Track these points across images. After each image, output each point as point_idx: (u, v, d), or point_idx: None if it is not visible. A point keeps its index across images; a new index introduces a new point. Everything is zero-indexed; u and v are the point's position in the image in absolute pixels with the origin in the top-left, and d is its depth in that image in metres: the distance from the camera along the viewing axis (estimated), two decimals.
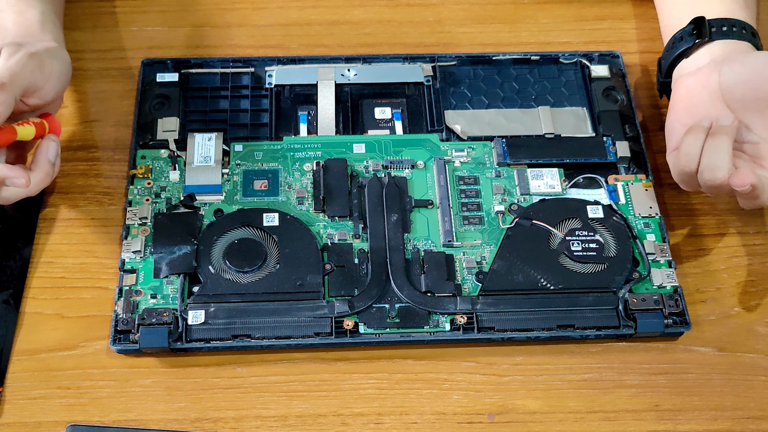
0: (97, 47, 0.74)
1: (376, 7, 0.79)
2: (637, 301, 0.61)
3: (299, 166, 0.67)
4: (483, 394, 0.59)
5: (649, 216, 0.65)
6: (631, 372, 0.60)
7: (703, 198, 0.68)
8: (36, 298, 0.62)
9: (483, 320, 0.60)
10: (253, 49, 0.75)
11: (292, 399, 0.58)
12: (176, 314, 0.59)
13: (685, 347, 0.61)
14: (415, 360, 0.60)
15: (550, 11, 0.79)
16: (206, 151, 0.66)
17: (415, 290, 0.61)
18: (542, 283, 0.61)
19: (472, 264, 0.63)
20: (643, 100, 0.73)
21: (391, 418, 0.58)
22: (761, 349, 0.62)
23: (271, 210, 0.64)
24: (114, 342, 0.59)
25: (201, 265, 0.61)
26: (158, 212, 0.64)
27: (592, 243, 0.63)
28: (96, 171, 0.67)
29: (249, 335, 0.59)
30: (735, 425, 0.58)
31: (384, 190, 0.65)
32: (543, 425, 0.58)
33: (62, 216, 0.65)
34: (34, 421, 0.57)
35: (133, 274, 0.61)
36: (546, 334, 0.60)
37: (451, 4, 0.79)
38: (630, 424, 0.58)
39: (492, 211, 0.65)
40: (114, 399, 0.58)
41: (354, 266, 0.62)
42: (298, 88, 0.72)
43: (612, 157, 0.68)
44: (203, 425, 0.57)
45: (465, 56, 0.74)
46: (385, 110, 0.71)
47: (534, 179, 0.67)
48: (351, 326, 0.60)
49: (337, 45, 0.76)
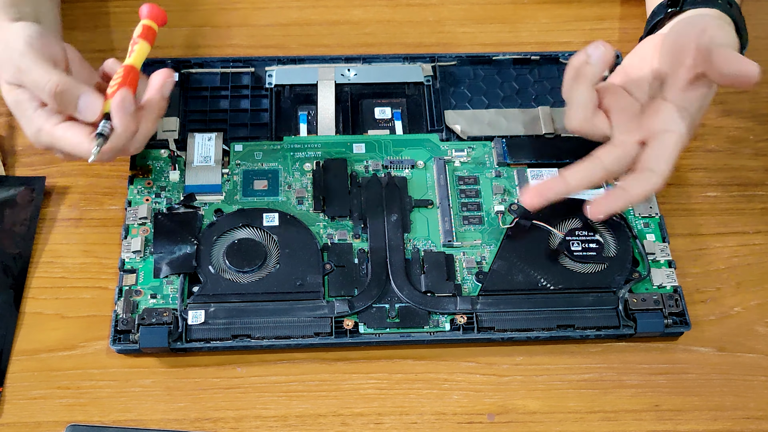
0: (97, 47, 0.74)
1: (376, 7, 0.79)
2: (637, 301, 0.61)
3: (299, 166, 0.67)
4: (483, 394, 0.59)
5: (649, 216, 0.65)
6: (631, 372, 0.60)
7: (703, 198, 0.68)
8: (36, 298, 0.62)
9: (483, 320, 0.60)
10: (253, 49, 0.75)
11: (292, 399, 0.58)
12: (176, 314, 0.59)
13: (685, 347, 0.61)
14: (415, 360, 0.60)
15: (550, 11, 0.79)
16: (206, 151, 0.66)
17: (415, 290, 0.61)
18: (542, 283, 0.61)
19: (472, 264, 0.63)
20: None
21: (391, 418, 0.58)
22: (761, 349, 0.62)
23: (271, 210, 0.64)
24: (114, 342, 0.59)
25: (201, 265, 0.61)
26: (158, 212, 0.64)
27: (592, 243, 0.63)
28: (96, 171, 0.67)
29: (249, 335, 0.59)
30: (735, 425, 0.58)
31: (384, 190, 0.65)
32: (543, 425, 0.58)
33: (62, 216, 0.65)
34: (33, 421, 0.57)
35: (133, 274, 0.61)
36: (546, 334, 0.60)
37: (451, 4, 0.79)
38: (630, 424, 0.58)
39: (492, 211, 0.65)
40: (114, 399, 0.58)
41: (354, 266, 0.62)
42: (298, 88, 0.72)
43: None
44: (203, 425, 0.57)
45: (465, 56, 0.74)
46: (385, 110, 0.71)
47: (534, 179, 0.67)
48: (351, 326, 0.60)
49: (337, 45, 0.76)
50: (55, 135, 0.59)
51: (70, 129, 0.59)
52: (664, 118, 0.60)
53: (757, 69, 0.58)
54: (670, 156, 0.59)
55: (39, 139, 0.60)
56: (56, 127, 0.59)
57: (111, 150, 0.59)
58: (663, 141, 0.60)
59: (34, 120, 0.59)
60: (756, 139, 0.72)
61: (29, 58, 0.59)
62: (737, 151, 0.71)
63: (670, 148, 0.59)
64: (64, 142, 0.59)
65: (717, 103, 0.73)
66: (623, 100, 0.62)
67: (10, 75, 0.60)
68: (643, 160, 0.60)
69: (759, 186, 0.69)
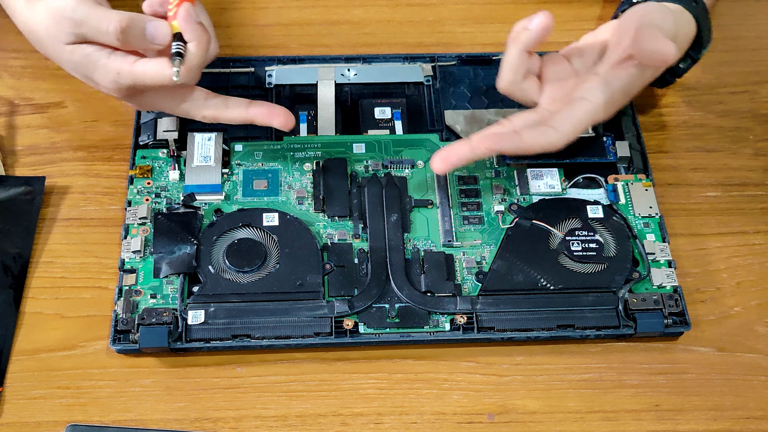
0: None
1: (376, 7, 0.79)
2: (637, 301, 0.61)
3: (299, 166, 0.67)
4: (483, 394, 0.59)
5: (648, 216, 0.65)
6: (631, 372, 0.60)
7: (703, 198, 0.68)
8: (36, 298, 0.62)
9: (483, 320, 0.60)
10: (253, 49, 0.75)
11: (291, 399, 0.58)
12: (176, 314, 0.59)
13: (684, 347, 0.61)
14: (415, 360, 0.60)
15: (550, 11, 0.79)
16: (206, 150, 0.66)
17: (414, 290, 0.61)
18: (542, 283, 0.61)
19: (471, 264, 0.63)
20: (643, 100, 0.73)
21: (391, 418, 0.58)
22: (761, 349, 0.62)
23: (271, 210, 0.64)
24: (114, 342, 0.59)
25: (201, 264, 0.61)
26: (158, 212, 0.64)
27: (592, 243, 0.63)
28: (96, 171, 0.67)
29: (249, 335, 0.59)
30: (735, 425, 0.58)
31: (384, 190, 0.65)
32: (543, 425, 0.58)
33: (62, 216, 0.65)
34: (33, 421, 0.57)
35: (133, 274, 0.61)
36: (546, 334, 0.60)
37: (451, 4, 0.79)
38: (630, 424, 0.58)
39: (492, 211, 0.65)
40: (114, 399, 0.58)
41: (354, 266, 0.62)
42: (298, 87, 0.72)
43: (612, 157, 0.68)
44: (203, 425, 0.57)
45: (465, 56, 0.74)
46: (384, 110, 0.71)
47: (534, 179, 0.67)
48: (351, 326, 0.60)
49: (337, 45, 0.76)
50: (135, 72, 0.60)
51: (149, 62, 0.60)
52: (585, 87, 0.62)
53: (673, 50, 0.60)
54: (577, 121, 0.61)
55: (120, 83, 0.61)
56: (135, 65, 0.60)
57: (195, 65, 0.60)
58: (575, 106, 0.61)
59: (111, 65, 0.60)
60: (756, 139, 0.72)
61: (82, 9, 0.59)
62: (737, 151, 0.71)
63: (580, 113, 0.61)
64: (146, 75, 0.60)
65: (717, 103, 0.74)
66: (561, 69, 0.64)
67: (68, 33, 0.60)
68: (551, 118, 0.61)
69: (759, 186, 0.69)
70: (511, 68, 0.63)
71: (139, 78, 0.60)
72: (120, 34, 0.58)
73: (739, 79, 0.75)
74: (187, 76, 0.60)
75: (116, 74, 0.60)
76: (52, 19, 0.60)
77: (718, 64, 0.76)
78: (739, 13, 0.79)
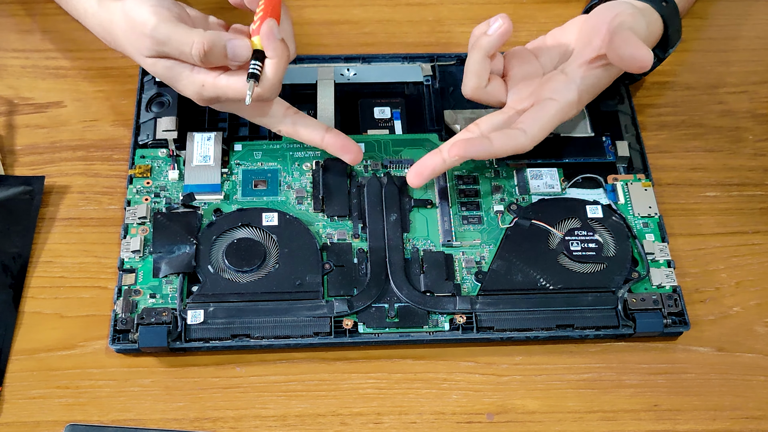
0: (97, 47, 0.73)
1: (376, 7, 0.79)
2: (636, 301, 0.61)
3: (298, 165, 0.67)
4: (482, 394, 0.59)
5: (648, 216, 0.65)
6: (630, 372, 0.60)
7: (703, 198, 0.68)
8: (35, 298, 0.62)
9: (482, 320, 0.60)
10: None
11: (291, 399, 0.58)
12: (175, 314, 0.59)
13: (684, 347, 0.61)
14: (414, 360, 0.60)
15: (550, 11, 0.79)
16: (205, 150, 0.66)
17: (414, 290, 0.61)
18: (541, 282, 0.61)
19: (471, 264, 0.63)
20: (642, 100, 0.73)
21: (390, 417, 0.58)
22: (760, 349, 0.62)
23: (271, 210, 0.64)
24: (113, 342, 0.59)
25: (200, 264, 0.61)
26: (157, 212, 0.64)
27: (591, 243, 0.63)
28: (95, 171, 0.67)
29: (248, 335, 0.59)
30: (734, 425, 0.58)
31: (383, 190, 0.65)
32: (542, 425, 0.58)
33: (62, 216, 0.65)
34: (33, 421, 0.57)
35: (132, 274, 0.61)
36: (545, 333, 0.60)
37: (450, 4, 0.79)
38: (629, 423, 0.58)
39: (491, 210, 0.65)
40: (113, 399, 0.58)
41: (353, 266, 0.62)
42: (298, 87, 0.72)
43: (611, 157, 0.68)
44: (202, 425, 0.57)
45: (464, 56, 0.73)
46: (384, 110, 0.71)
47: (533, 179, 0.67)
48: (350, 326, 0.60)
49: (336, 45, 0.76)
50: (219, 85, 0.60)
51: (232, 76, 0.60)
52: (553, 87, 0.63)
53: (650, 56, 0.60)
54: (545, 121, 0.62)
55: (203, 95, 0.61)
56: (218, 79, 0.60)
57: (274, 83, 0.60)
58: (543, 106, 0.62)
59: (195, 78, 0.60)
60: (755, 139, 0.72)
61: (164, 29, 0.59)
62: (737, 151, 0.71)
63: (548, 114, 0.62)
64: (229, 90, 0.60)
65: (717, 103, 0.74)
66: (527, 67, 0.65)
67: (148, 49, 0.60)
68: (519, 120, 0.62)
69: (758, 186, 0.69)
70: (475, 74, 0.64)
71: (221, 91, 0.60)
72: (203, 57, 0.59)
73: (739, 79, 0.75)
74: (263, 95, 0.60)
75: (200, 86, 0.61)
76: (132, 32, 0.60)
77: (718, 64, 0.76)
78: (739, 13, 0.79)
